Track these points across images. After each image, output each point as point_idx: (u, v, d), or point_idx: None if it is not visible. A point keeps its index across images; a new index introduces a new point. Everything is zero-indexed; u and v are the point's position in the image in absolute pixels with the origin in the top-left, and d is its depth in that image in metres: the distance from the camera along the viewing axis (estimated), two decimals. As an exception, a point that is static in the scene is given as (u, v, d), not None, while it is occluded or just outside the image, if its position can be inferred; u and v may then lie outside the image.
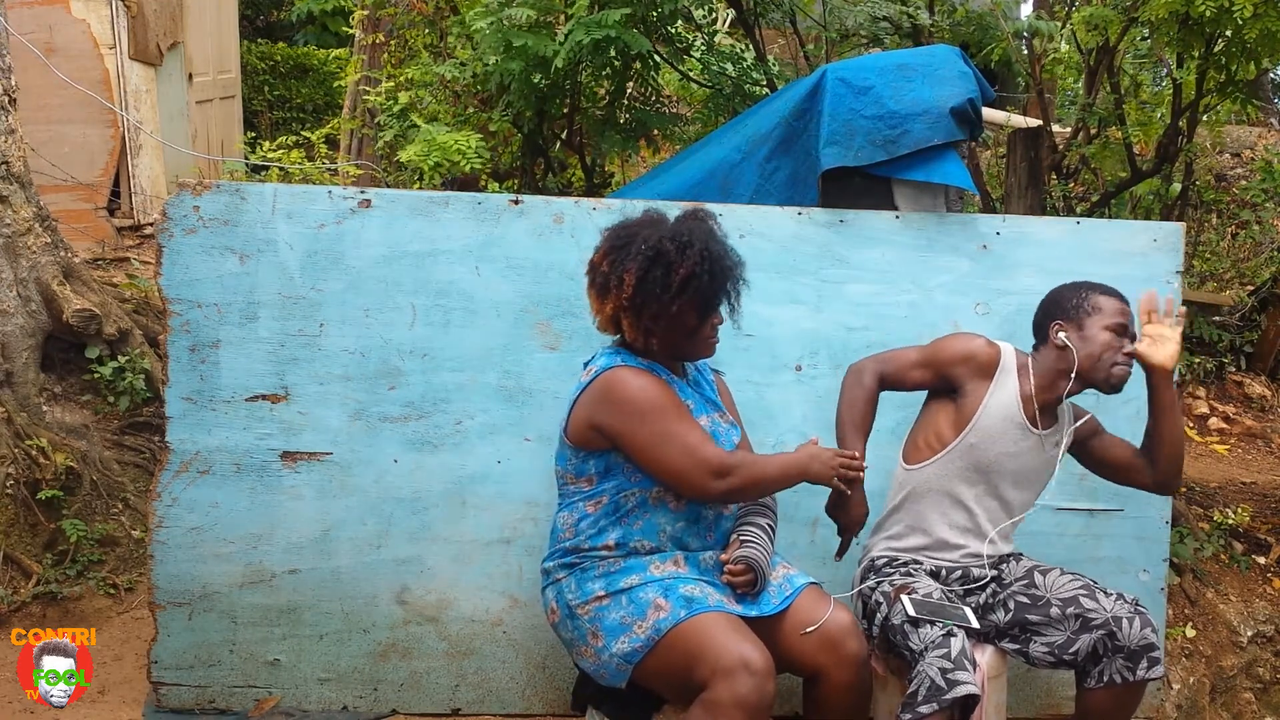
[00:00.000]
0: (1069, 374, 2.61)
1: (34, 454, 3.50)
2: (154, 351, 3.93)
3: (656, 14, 4.25)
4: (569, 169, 5.04)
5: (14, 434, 3.52)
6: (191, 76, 6.99)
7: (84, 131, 6.08)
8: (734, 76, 4.97)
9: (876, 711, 2.64)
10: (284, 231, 2.86)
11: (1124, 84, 5.32)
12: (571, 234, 2.94)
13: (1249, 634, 3.90)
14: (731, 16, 5.83)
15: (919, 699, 2.33)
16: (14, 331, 3.68)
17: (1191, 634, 3.79)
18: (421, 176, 4.20)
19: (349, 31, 7.78)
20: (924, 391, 2.76)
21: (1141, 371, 2.62)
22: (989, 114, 6.01)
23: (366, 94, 5.56)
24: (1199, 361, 5.76)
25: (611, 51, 4.13)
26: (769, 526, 2.56)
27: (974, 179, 3.99)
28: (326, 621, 2.91)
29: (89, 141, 6.10)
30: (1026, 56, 5.24)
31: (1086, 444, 2.76)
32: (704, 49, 5.10)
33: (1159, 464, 2.67)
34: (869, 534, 2.75)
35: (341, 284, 2.88)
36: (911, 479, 2.71)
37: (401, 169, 4.65)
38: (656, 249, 2.38)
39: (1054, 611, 2.60)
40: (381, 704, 2.94)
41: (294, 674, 2.91)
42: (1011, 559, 2.75)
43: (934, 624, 2.41)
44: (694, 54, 5.08)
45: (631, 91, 4.80)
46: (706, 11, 5.27)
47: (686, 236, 2.40)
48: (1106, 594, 2.60)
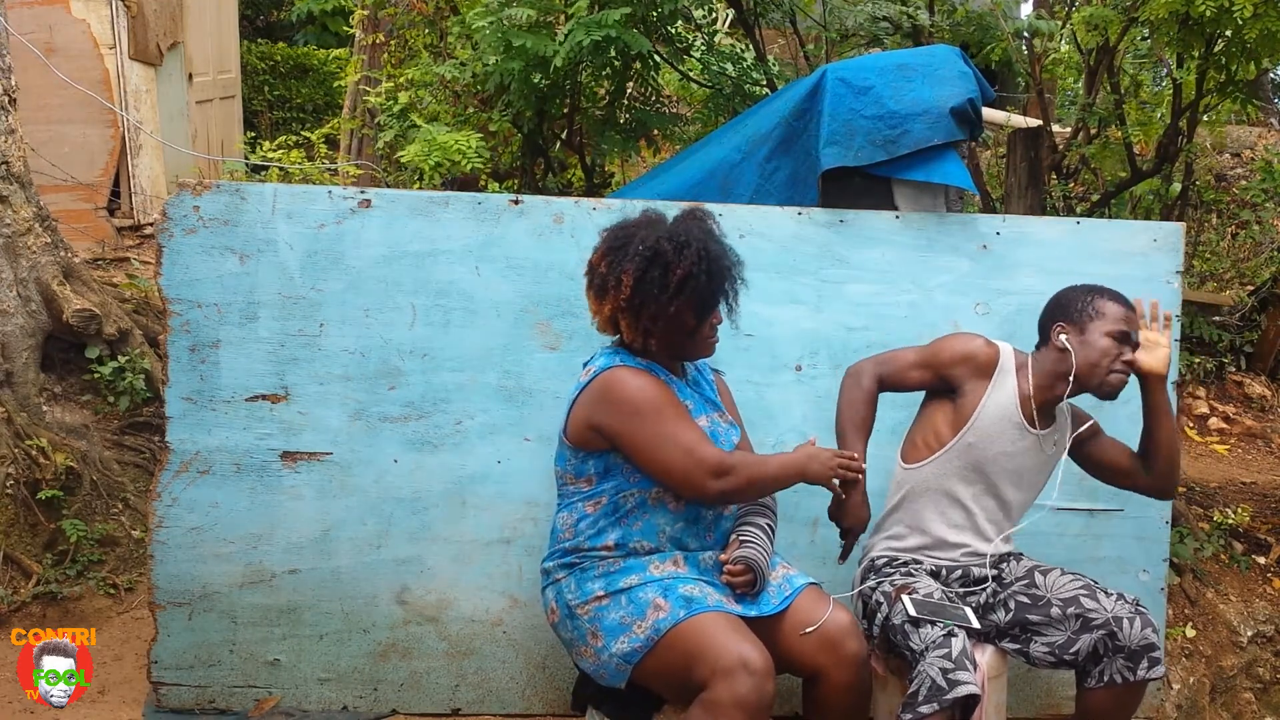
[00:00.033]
0: (1067, 377, 2.61)
1: (34, 454, 3.50)
2: (154, 351, 3.93)
3: (656, 14, 4.25)
4: (569, 169, 5.04)
5: (14, 434, 3.52)
6: (191, 76, 6.99)
7: (84, 131, 6.08)
8: (734, 76, 4.97)
9: (876, 711, 2.64)
10: (284, 231, 2.86)
11: (1124, 84, 5.32)
12: (571, 234, 2.94)
13: (1249, 634, 3.90)
14: (731, 16, 5.83)
15: (920, 699, 2.33)
16: (14, 331, 3.68)
17: (1191, 634, 3.79)
18: (421, 176, 4.20)
19: (349, 31, 7.78)
20: (922, 391, 2.76)
21: (1133, 373, 2.62)
22: (989, 114, 6.01)
23: (366, 94, 5.56)
24: (1199, 361, 5.76)
25: (611, 51, 4.13)
26: (768, 527, 2.56)
27: (974, 179, 3.99)
28: (326, 621, 2.91)
29: (89, 141, 6.10)
30: (1026, 56, 5.24)
31: (1084, 447, 2.75)
32: (704, 49, 5.10)
33: (1155, 469, 2.68)
34: (869, 534, 2.75)
35: (341, 284, 2.88)
36: (910, 478, 2.71)
37: (401, 169, 4.65)
38: (654, 249, 2.38)
39: (1054, 611, 2.60)
40: (381, 704, 2.94)
41: (294, 674, 2.91)
42: (1012, 559, 2.75)
43: (935, 624, 2.41)
44: (694, 54, 5.08)
45: (631, 91, 4.80)
46: (706, 11, 5.27)
47: (684, 237, 2.40)
48: (1107, 594, 2.60)
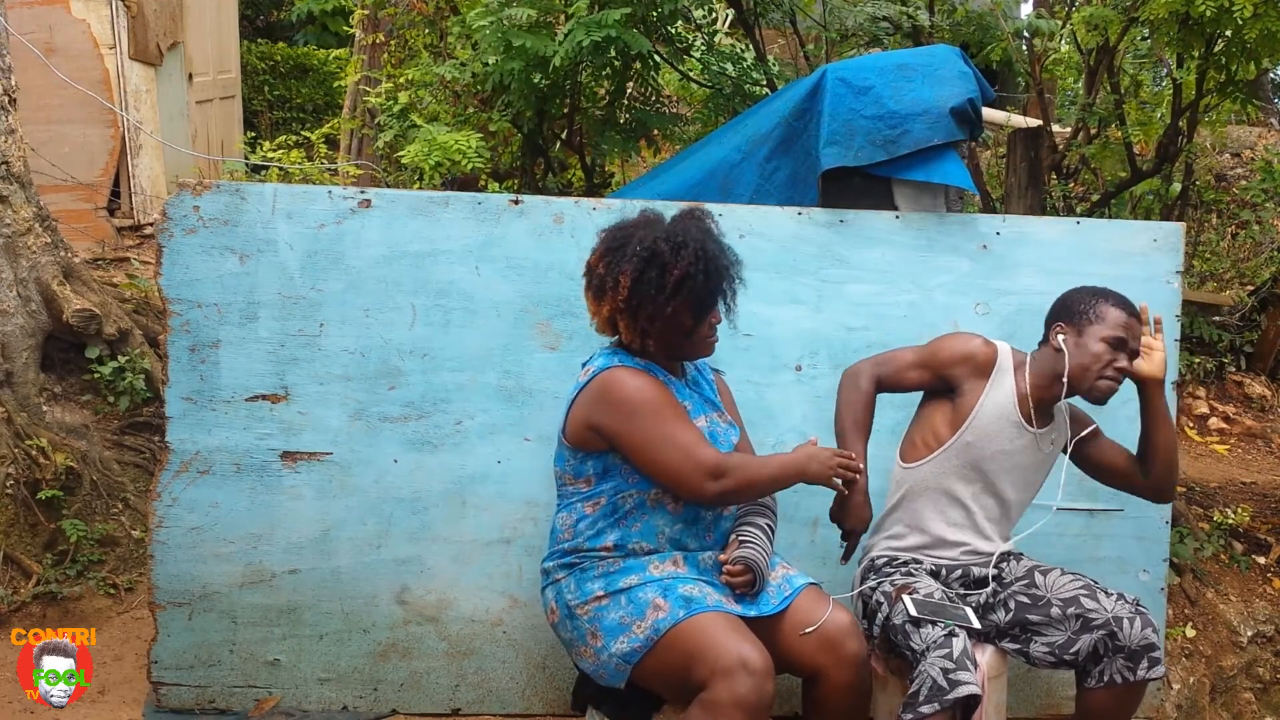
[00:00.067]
0: (1061, 377, 2.61)
1: (34, 454, 3.50)
2: (154, 351, 3.93)
3: (656, 14, 4.25)
4: (569, 169, 5.04)
5: (14, 434, 3.52)
6: (191, 76, 6.99)
7: (84, 131, 6.07)
8: (734, 76, 4.97)
9: (876, 711, 2.64)
10: (284, 231, 2.86)
11: (1124, 84, 5.33)
12: (571, 234, 2.94)
13: (1249, 634, 3.90)
14: (731, 16, 5.83)
15: (921, 699, 2.33)
16: (14, 331, 3.68)
17: (1191, 634, 3.79)
18: (421, 176, 4.20)
19: (349, 31, 7.78)
20: (920, 392, 2.76)
21: (1130, 378, 2.61)
22: (989, 114, 6.01)
23: (366, 94, 5.56)
24: (1199, 361, 5.76)
25: (611, 51, 4.13)
26: (768, 527, 2.56)
27: (974, 179, 3.99)
28: (326, 621, 2.91)
29: (89, 141, 6.10)
30: (1026, 56, 5.24)
31: (1083, 448, 2.75)
32: (704, 49, 5.10)
33: (1152, 472, 2.67)
34: (869, 534, 2.75)
35: (341, 284, 2.88)
36: (909, 477, 2.71)
37: (401, 169, 4.65)
38: (651, 250, 2.38)
39: (1054, 611, 2.60)
40: (381, 704, 2.94)
41: (294, 674, 2.91)
42: (1011, 559, 2.74)
43: (936, 624, 2.40)
44: (694, 54, 5.08)
45: (631, 91, 4.80)
46: (706, 11, 5.27)
47: (681, 237, 2.40)
48: (1107, 594, 2.60)
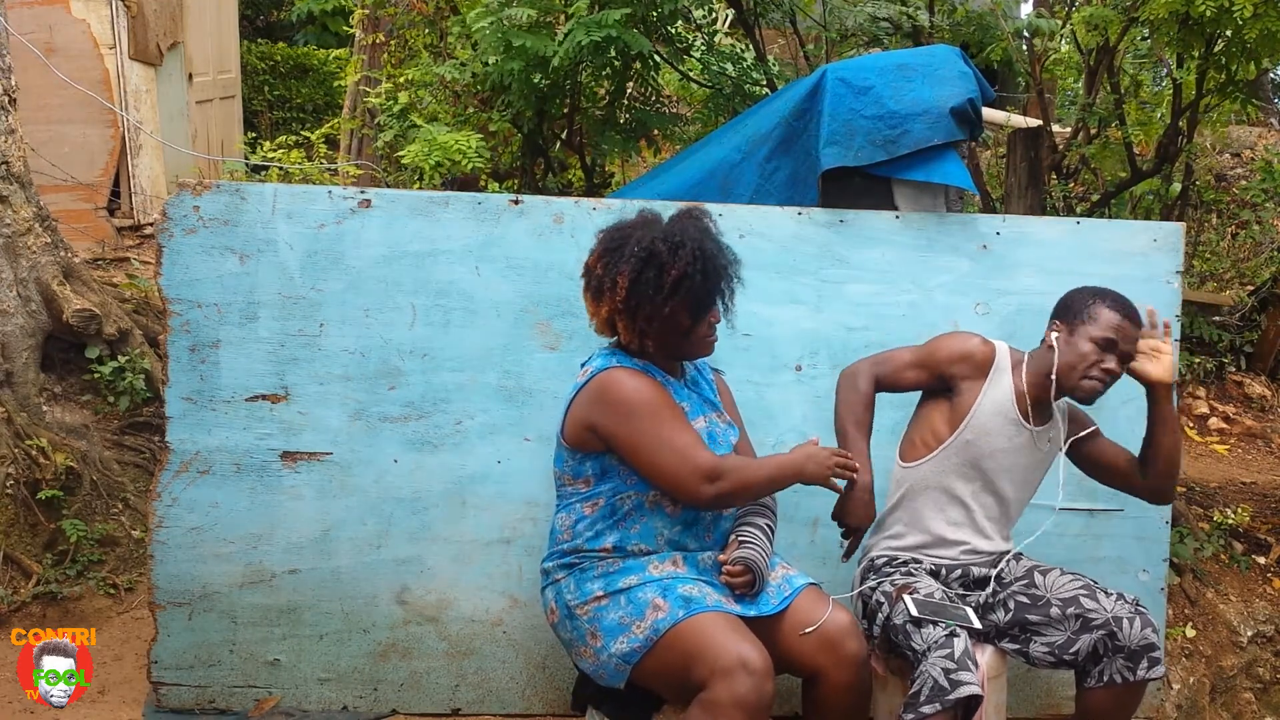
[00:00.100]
0: (1049, 375, 2.61)
1: (34, 454, 3.50)
2: (154, 351, 3.93)
3: (656, 14, 4.25)
4: (569, 169, 5.04)
5: (14, 434, 3.52)
6: (191, 76, 6.99)
7: (84, 131, 6.07)
8: (734, 76, 4.97)
9: (876, 711, 2.64)
10: (284, 231, 2.86)
11: (1124, 84, 5.33)
12: (571, 234, 2.94)
13: (1249, 634, 3.90)
14: (731, 16, 5.83)
15: (922, 699, 2.32)
16: (14, 331, 3.68)
17: (1191, 634, 3.79)
18: (421, 176, 4.20)
19: (349, 31, 7.78)
20: (918, 391, 2.76)
21: (1138, 381, 2.61)
22: (989, 114, 6.01)
23: (366, 94, 5.56)
24: (1199, 361, 5.76)
25: (611, 51, 4.13)
26: (768, 527, 2.56)
27: (974, 179, 3.99)
28: (326, 621, 2.91)
29: (89, 141, 6.10)
30: (1026, 56, 5.24)
31: (1081, 447, 2.75)
32: (704, 49, 5.10)
33: (1153, 474, 2.67)
34: (869, 534, 2.75)
35: (341, 284, 2.88)
36: (909, 476, 2.71)
37: (401, 169, 4.65)
38: (649, 250, 2.37)
39: (1054, 611, 2.60)
40: (381, 704, 2.94)
41: (294, 674, 2.91)
42: (1011, 558, 2.75)
43: (937, 624, 2.40)
44: (694, 54, 5.08)
45: (631, 91, 4.80)
46: (706, 11, 5.27)
47: (679, 236, 2.39)
48: (1107, 594, 2.60)
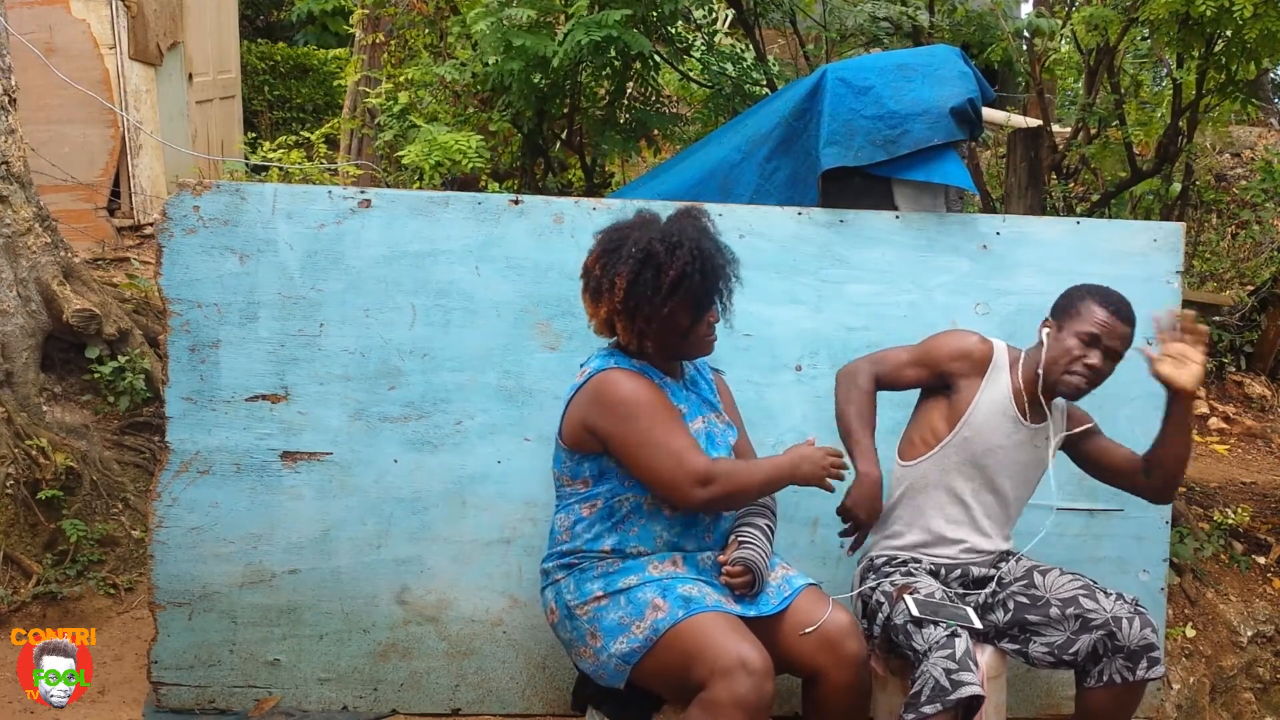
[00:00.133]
0: (1037, 370, 2.61)
1: (34, 454, 3.50)
2: (154, 351, 3.93)
3: (656, 14, 4.25)
4: (569, 169, 5.04)
5: (14, 434, 3.52)
6: (191, 76, 6.99)
7: (84, 131, 6.08)
8: (734, 76, 4.97)
9: (876, 712, 2.64)
10: (284, 231, 2.86)
11: (1124, 84, 5.33)
12: (571, 234, 2.94)
13: (1249, 634, 3.90)
14: (731, 16, 5.83)
15: (923, 699, 2.32)
16: (14, 331, 3.68)
17: (1191, 634, 3.79)
18: (421, 176, 4.21)
19: (349, 31, 7.79)
20: (916, 390, 2.76)
21: (1149, 375, 2.58)
22: (989, 114, 6.01)
23: (366, 94, 5.56)
24: (1199, 361, 5.75)
25: (611, 51, 4.13)
26: (768, 527, 2.56)
27: (974, 179, 3.99)
28: (326, 621, 2.91)
29: (89, 141, 6.10)
30: (1026, 56, 5.24)
31: (1081, 446, 2.75)
32: (704, 49, 5.10)
33: (1159, 475, 2.65)
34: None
35: (341, 284, 2.88)
36: (908, 475, 2.71)
37: (401, 169, 4.65)
38: (647, 250, 2.37)
39: (1053, 611, 2.60)
40: (381, 704, 2.94)
41: (294, 674, 2.91)
42: (1011, 558, 2.75)
43: (938, 624, 2.40)
44: (694, 54, 5.08)
45: (631, 91, 4.80)
46: (706, 11, 5.27)
47: (677, 236, 2.39)
48: (1106, 594, 2.60)
